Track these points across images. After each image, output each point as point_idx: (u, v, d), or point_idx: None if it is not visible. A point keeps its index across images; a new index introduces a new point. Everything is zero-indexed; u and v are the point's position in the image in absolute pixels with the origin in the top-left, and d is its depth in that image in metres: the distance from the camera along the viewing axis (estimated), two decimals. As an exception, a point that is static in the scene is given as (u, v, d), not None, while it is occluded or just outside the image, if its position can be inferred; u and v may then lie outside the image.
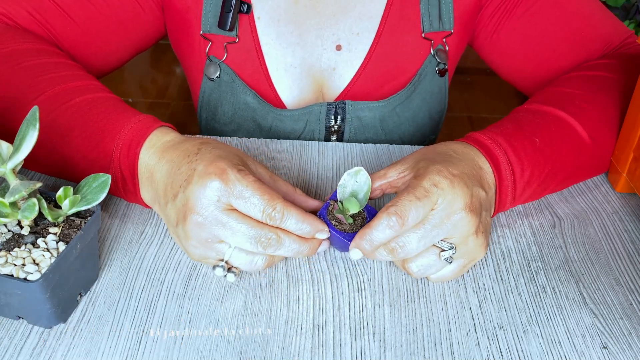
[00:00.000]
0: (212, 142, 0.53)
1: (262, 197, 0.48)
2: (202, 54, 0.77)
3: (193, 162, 0.50)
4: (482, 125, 2.30)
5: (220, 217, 0.48)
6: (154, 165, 0.53)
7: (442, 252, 0.50)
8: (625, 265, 0.56)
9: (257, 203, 0.48)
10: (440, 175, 0.49)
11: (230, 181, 0.47)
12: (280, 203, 0.48)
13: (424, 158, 0.53)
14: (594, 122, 0.62)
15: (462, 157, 0.54)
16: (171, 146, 0.53)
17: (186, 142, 0.53)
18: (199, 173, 0.48)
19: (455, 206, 0.48)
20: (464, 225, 0.49)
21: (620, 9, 1.84)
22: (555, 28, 0.74)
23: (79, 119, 0.57)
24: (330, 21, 0.76)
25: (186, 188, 0.48)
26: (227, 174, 0.48)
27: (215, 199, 0.47)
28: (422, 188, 0.48)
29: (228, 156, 0.50)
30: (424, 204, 0.47)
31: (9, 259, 0.44)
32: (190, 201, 0.48)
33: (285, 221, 0.48)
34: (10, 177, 0.45)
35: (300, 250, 0.50)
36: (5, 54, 0.62)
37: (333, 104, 0.78)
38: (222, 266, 0.50)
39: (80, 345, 0.46)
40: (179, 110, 2.36)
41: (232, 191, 0.47)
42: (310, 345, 0.47)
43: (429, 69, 0.79)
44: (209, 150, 0.51)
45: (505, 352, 0.47)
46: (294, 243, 0.49)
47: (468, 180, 0.50)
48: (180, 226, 0.50)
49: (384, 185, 0.55)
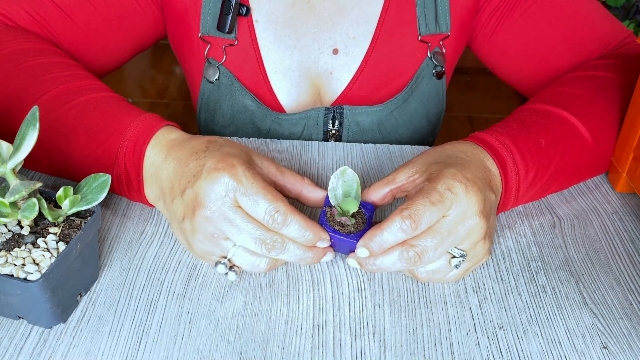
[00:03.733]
0: (219, 140, 0.54)
1: (266, 197, 0.48)
2: (201, 56, 0.77)
3: (202, 159, 0.50)
4: (482, 125, 2.30)
5: (228, 213, 0.48)
6: (159, 163, 0.53)
7: (453, 259, 0.50)
8: (625, 265, 0.56)
9: (261, 202, 0.48)
10: (454, 179, 0.49)
11: (238, 177, 0.48)
12: (284, 206, 0.48)
13: (435, 161, 0.53)
14: (596, 123, 0.62)
15: (472, 159, 0.53)
16: (177, 144, 0.54)
17: (193, 140, 0.54)
18: (208, 168, 0.49)
19: (469, 212, 0.48)
20: (476, 232, 0.49)
21: (620, 9, 1.84)
22: (553, 29, 0.74)
23: (83, 118, 0.57)
24: (327, 25, 0.76)
25: (195, 183, 0.49)
26: (236, 170, 0.48)
27: (223, 194, 0.48)
28: (437, 192, 0.48)
29: (237, 153, 0.50)
30: (438, 208, 0.47)
31: (9, 259, 0.44)
32: (200, 196, 0.48)
33: (288, 226, 0.48)
34: (10, 177, 0.45)
35: (304, 257, 0.50)
36: (7, 54, 0.62)
37: (331, 108, 0.78)
38: (225, 263, 0.50)
39: (80, 345, 0.46)
40: (179, 110, 2.36)
41: (240, 187, 0.48)
42: (310, 345, 0.47)
43: (426, 71, 0.79)
44: (217, 148, 0.51)
45: (505, 352, 0.47)
46: (298, 249, 0.49)
47: (481, 184, 0.50)
48: (187, 220, 0.50)
49: (394, 190, 0.55)
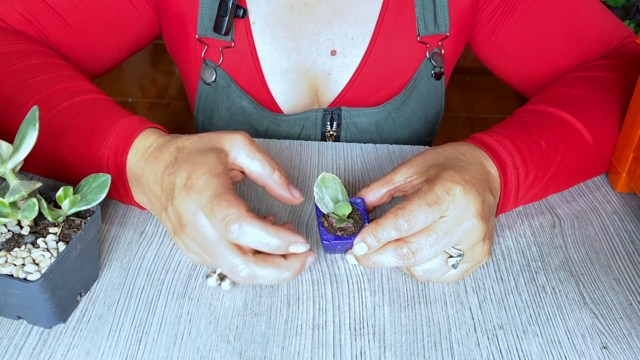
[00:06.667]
0: (186, 145, 0.51)
1: (220, 204, 0.45)
2: (198, 57, 0.77)
3: (172, 175, 0.49)
4: (482, 125, 2.30)
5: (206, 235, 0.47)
6: (140, 175, 0.53)
7: (450, 258, 0.50)
8: (625, 265, 0.56)
9: (216, 210, 0.45)
10: (452, 181, 0.49)
11: (198, 192, 0.46)
12: (236, 211, 0.45)
13: (434, 163, 0.53)
14: (597, 123, 0.62)
15: (471, 161, 0.53)
16: (151, 154, 0.52)
17: (163, 149, 0.52)
18: (178, 187, 0.47)
19: (467, 213, 0.48)
20: (474, 233, 0.49)
21: (620, 9, 1.84)
22: (553, 29, 0.74)
23: (68, 125, 0.56)
24: (325, 26, 0.76)
25: (172, 202, 0.48)
26: (199, 184, 0.46)
27: (193, 212, 0.46)
28: (434, 194, 0.48)
29: (202, 160, 0.49)
30: (433, 210, 0.47)
31: (9, 259, 0.44)
32: (181, 216, 0.47)
33: (245, 234, 0.45)
34: (10, 177, 0.45)
35: (281, 277, 0.47)
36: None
37: (329, 110, 0.78)
38: (215, 277, 0.51)
39: (80, 345, 0.46)
40: (179, 110, 2.35)
41: (199, 201, 0.46)
42: (310, 345, 0.47)
43: (425, 72, 0.79)
44: (184, 159, 0.49)
45: (505, 352, 0.47)
46: (268, 271, 0.46)
47: (479, 186, 0.50)
48: (177, 237, 0.49)
49: (392, 190, 0.55)
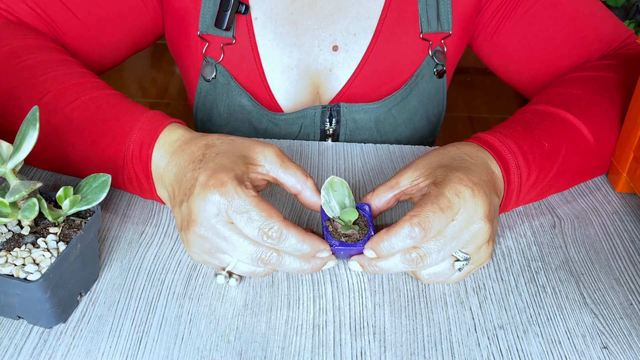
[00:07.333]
0: (217, 144, 0.52)
1: (260, 214, 0.46)
2: (199, 54, 0.77)
3: (196, 170, 0.49)
4: (482, 125, 2.30)
5: (222, 231, 0.47)
6: (163, 168, 0.53)
7: (456, 262, 0.50)
8: (625, 265, 0.56)
9: (255, 218, 0.46)
10: (461, 183, 0.49)
11: (229, 195, 0.46)
12: (279, 223, 0.46)
13: (439, 164, 0.53)
14: (598, 124, 0.62)
15: (477, 162, 0.53)
16: (178, 147, 0.53)
17: (192, 143, 0.53)
18: (200, 184, 0.48)
19: (475, 217, 0.48)
20: (481, 236, 0.49)
21: (620, 9, 1.84)
22: (555, 29, 0.74)
23: (88, 120, 0.56)
24: (327, 21, 0.76)
25: (189, 198, 0.48)
26: (226, 187, 0.47)
27: (215, 212, 0.47)
28: (446, 198, 0.47)
29: (230, 164, 0.49)
30: (446, 215, 0.47)
31: (9, 259, 0.44)
32: (193, 213, 0.48)
33: (284, 242, 0.47)
34: (10, 177, 0.45)
35: (302, 269, 0.49)
36: (6, 52, 0.62)
37: (328, 106, 0.78)
38: (224, 275, 0.51)
39: (80, 345, 0.46)
40: (179, 110, 2.36)
41: (231, 205, 0.46)
42: (310, 345, 0.47)
43: (427, 70, 0.79)
44: (212, 158, 0.50)
45: (505, 352, 0.47)
46: (295, 262, 0.48)
47: (486, 188, 0.50)
48: (183, 232, 0.50)
49: (398, 194, 0.55)
